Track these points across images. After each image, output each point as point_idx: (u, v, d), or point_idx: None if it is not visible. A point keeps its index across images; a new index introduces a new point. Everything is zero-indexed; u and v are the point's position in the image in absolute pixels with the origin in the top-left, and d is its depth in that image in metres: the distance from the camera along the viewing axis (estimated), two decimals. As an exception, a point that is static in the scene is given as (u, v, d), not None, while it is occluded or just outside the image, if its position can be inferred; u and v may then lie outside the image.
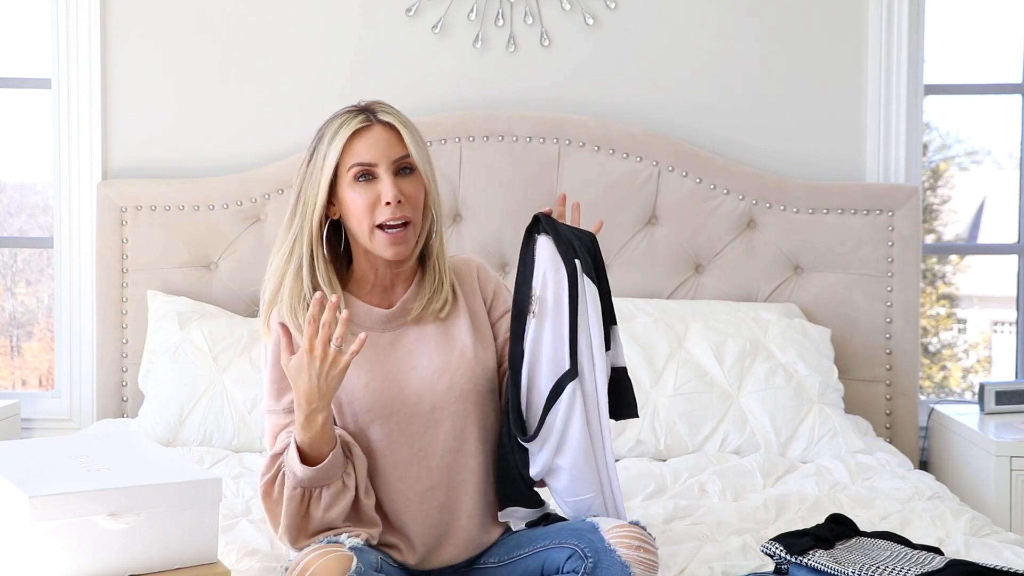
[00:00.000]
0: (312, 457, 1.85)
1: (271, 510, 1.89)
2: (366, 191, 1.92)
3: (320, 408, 1.82)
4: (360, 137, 1.92)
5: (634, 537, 1.80)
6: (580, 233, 1.99)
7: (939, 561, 1.93)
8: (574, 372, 1.89)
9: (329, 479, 1.86)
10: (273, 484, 1.88)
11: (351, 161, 1.92)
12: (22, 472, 1.79)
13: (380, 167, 1.92)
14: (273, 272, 1.96)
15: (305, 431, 1.84)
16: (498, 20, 3.40)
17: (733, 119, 3.43)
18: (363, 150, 1.92)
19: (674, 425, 2.93)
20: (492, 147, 3.30)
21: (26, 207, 3.81)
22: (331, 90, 3.38)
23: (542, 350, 1.92)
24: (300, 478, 1.84)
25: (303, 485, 1.85)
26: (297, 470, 1.84)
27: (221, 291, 3.32)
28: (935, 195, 4.02)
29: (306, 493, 1.86)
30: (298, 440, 1.85)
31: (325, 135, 1.94)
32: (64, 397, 3.45)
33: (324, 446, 1.85)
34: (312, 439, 1.84)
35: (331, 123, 1.95)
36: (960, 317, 4.18)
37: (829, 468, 2.80)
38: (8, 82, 3.57)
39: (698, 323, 3.12)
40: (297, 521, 1.86)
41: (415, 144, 1.96)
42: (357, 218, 1.92)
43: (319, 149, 1.94)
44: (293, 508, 1.85)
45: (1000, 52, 3.70)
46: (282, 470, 1.87)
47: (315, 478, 1.85)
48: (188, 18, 3.40)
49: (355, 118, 1.93)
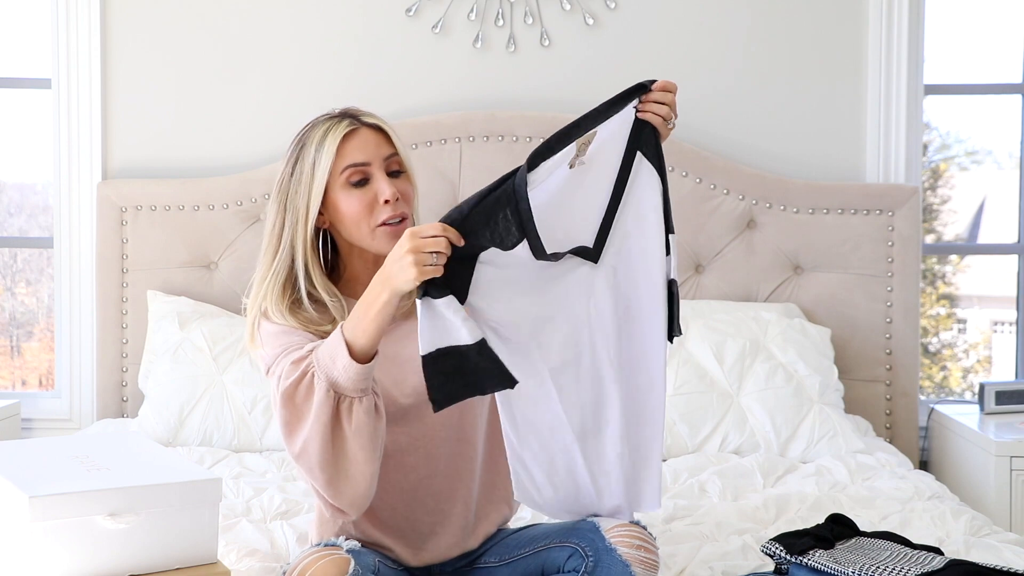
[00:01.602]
0: (356, 352, 1.73)
1: (290, 419, 1.75)
2: (362, 193, 1.90)
3: (383, 291, 1.70)
4: (349, 140, 1.90)
5: (635, 536, 1.79)
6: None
7: (939, 561, 1.92)
8: (595, 254, 1.82)
9: (364, 389, 1.74)
10: (298, 386, 1.75)
11: (343, 164, 1.89)
12: (22, 472, 1.79)
13: (373, 167, 1.92)
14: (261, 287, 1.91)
15: (360, 308, 1.72)
16: (498, 20, 3.40)
17: (733, 119, 3.43)
18: (355, 152, 1.90)
19: (674, 425, 2.94)
20: (492, 147, 3.30)
21: (26, 207, 3.81)
22: (331, 90, 3.38)
23: (575, 201, 1.81)
24: (336, 374, 1.71)
25: (334, 388, 1.72)
26: (340, 360, 1.70)
27: (221, 291, 3.32)
28: (935, 195, 4.02)
29: (341, 400, 1.73)
30: (347, 328, 1.74)
31: (308, 143, 1.91)
32: (64, 397, 3.45)
33: (372, 340, 1.73)
34: (362, 319, 1.71)
35: (312, 131, 1.92)
36: (960, 317, 4.17)
37: (829, 468, 2.80)
38: (8, 82, 3.57)
39: (698, 323, 3.12)
40: (327, 433, 1.72)
41: (400, 144, 1.95)
42: (355, 221, 1.90)
43: (304, 157, 1.90)
44: (325, 414, 1.72)
45: (1000, 52, 3.70)
46: (309, 371, 1.75)
47: (353, 377, 1.71)
48: (188, 18, 3.40)
49: (341, 122, 1.91)
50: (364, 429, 1.74)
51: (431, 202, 3.27)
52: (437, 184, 3.28)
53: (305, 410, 1.75)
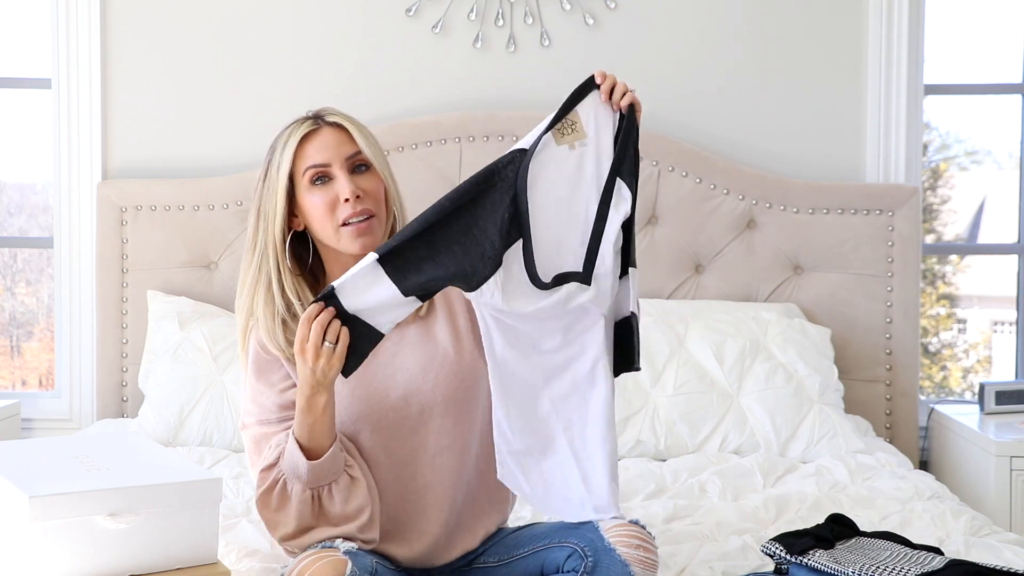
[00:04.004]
0: (313, 451, 1.84)
1: (271, 519, 1.86)
2: (324, 193, 1.91)
3: (320, 391, 1.81)
4: (309, 141, 1.92)
5: (634, 536, 1.79)
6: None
7: (939, 561, 1.92)
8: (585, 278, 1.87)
9: (334, 475, 1.85)
10: (271, 493, 1.85)
11: (304, 165, 1.91)
12: (22, 472, 1.79)
13: (334, 166, 1.92)
14: (243, 294, 1.94)
15: (305, 416, 1.81)
16: (498, 20, 3.40)
17: (733, 119, 3.43)
18: (314, 152, 1.92)
19: (674, 425, 2.94)
20: (492, 147, 3.30)
21: (26, 207, 3.81)
22: (331, 90, 3.38)
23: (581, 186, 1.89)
24: (304, 477, 1.82)
25: (309, 485, 1.83)
26: (301, 466, 1.82)
27: (221, 291, 3.31)
28: (935, 195, 4.02)
29: (315, 494, 1.84)
30: (296, 434, 1.84)
31: (276, 147, 1.94)
32: (64, 397, 3.45)
33: (324, 438, 1.84)
34: (312, 426, 1.82)
35: (281, 135, 1.95)
36: (960, 317, 4.17)
37: (829, 468, 2.80)
38: (8, 82, 3.57)
39: (698, 323, 3.12)
40: (311, 521, 1.84)
41: (366, 142, 1.95)
42: (320, 221, 1.91)
43: (272, 162, 1.93)
44: (305, 511, 1.83)
45: (1000, 52, 3.70)
46: (280, 479, 1.85)
47: (320, 474, 1.83)
48: (188, 18, 3.40)
49: (302, 125, 1.93)
50: (353, 499, 1.85)
51: (431, 201, 3.26)
52: (437, 184, 3.28)
53: (280, 512, 1.85)
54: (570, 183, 1.88)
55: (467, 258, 1.81)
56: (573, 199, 1.88)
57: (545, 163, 1.87)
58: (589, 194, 1.89)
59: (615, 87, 1.93)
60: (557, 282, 1.85)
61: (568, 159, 1.88)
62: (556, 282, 1.85)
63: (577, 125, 1.89)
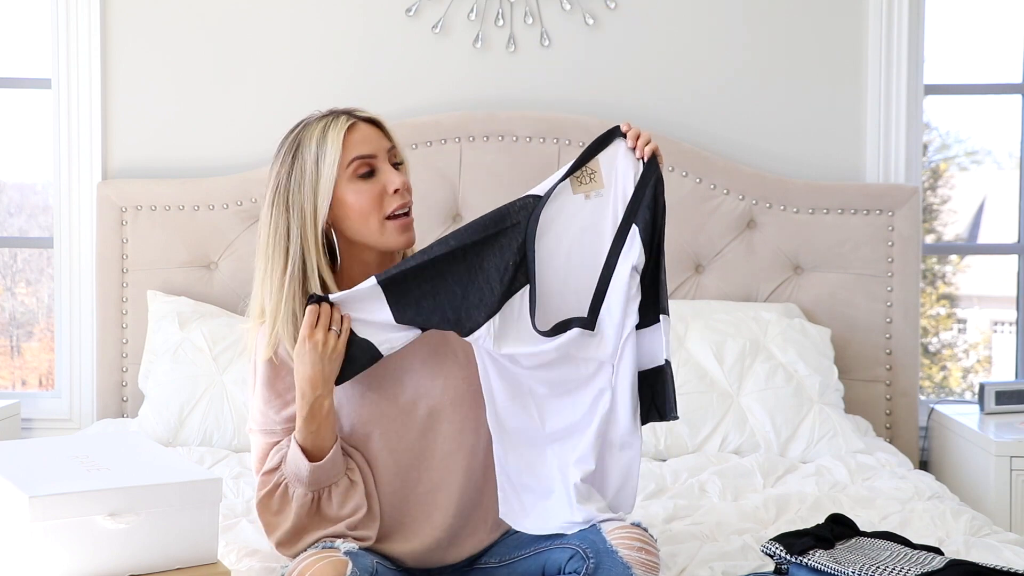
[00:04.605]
0: (315, 454, 1.85)
1: (270, 521, 1.87)
2: (370, 186, 1.89)
3: (324, 394, 1.83)
4: (352, 133, 1.89)
5: (636, 538, 1.79)
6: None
7: (939, 561, 1.92)
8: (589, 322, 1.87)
9: (335, 477, 1.86)
10: (272, 496, 1.87)
11: (350, 156, 1.88)
12: (22, 472, 1.79)
13: (379, 158, 1.91)
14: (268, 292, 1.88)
15: (309, 423, 1.83)
16: (498, 20, 3.40)
17: (733, 119, 3.43)
18: (359, 144, 1.89)
19: (674, 425, 2.93)
20: (492, 147, 3.30)
21: (26, 207, 3.81)
22: (331, 90, 3.38)
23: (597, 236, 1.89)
24: (307, 479, 1.84)
25: (311, 487, 1.84)
26: (303, 469, 1.83)
27: (221, 291, 3.31)
28: (935, 195, 4.02)
29: (315, 496, 1.86)
30: (299, 439, 1.85)
31: (305, 141, 1.88)
32: (64, 397, 3.45)
33: (326, 440, 1.85)
34: (316, 431, 1.84)
35: (307, 130, 1.89)
36: (960, 317, 4.17)
37: (829, 468, 2.80)
38: (8, 82, 3.57)
39: (698, 323, 3.12)
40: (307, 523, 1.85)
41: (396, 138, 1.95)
42: (363, 214, 1.88)
43: (303, 156, 1.88)
44: (304, 512, 1.85)
45: (1000, 52, 3.70)
46: (282, 482, 1.87)
47: (321, 476, 1.84)
48: (188, 18, 3.40)
49: (339, 118, 1.90)
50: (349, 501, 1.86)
51: (431, 201, 3.27)
52: (437, 184, 3.28)
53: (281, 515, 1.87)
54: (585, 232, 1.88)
55: (465, 302, 1.83)
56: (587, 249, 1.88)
57: (557, 212, 1.88)
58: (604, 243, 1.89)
59: (639, 136, 1.92)
60: (558, 329, 1.86)
61: (583, 208, 1.89)
62: (557, 329, 1.86)
63: (596, 175, 1.89)
